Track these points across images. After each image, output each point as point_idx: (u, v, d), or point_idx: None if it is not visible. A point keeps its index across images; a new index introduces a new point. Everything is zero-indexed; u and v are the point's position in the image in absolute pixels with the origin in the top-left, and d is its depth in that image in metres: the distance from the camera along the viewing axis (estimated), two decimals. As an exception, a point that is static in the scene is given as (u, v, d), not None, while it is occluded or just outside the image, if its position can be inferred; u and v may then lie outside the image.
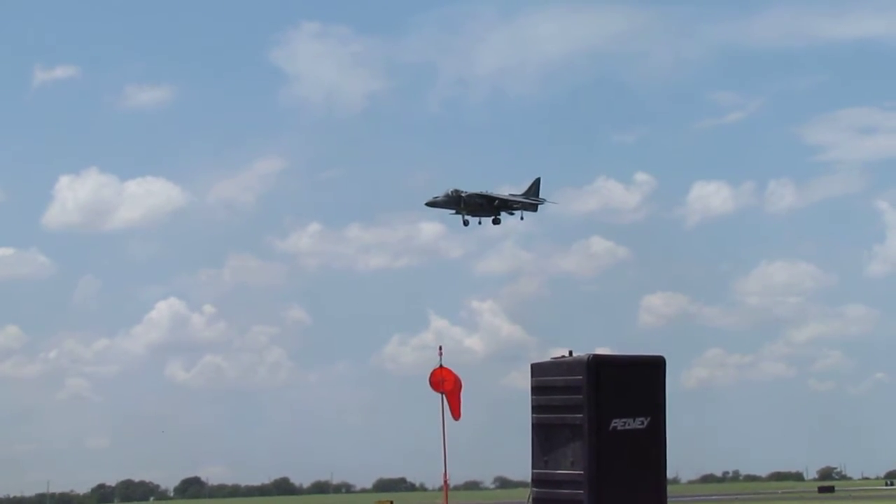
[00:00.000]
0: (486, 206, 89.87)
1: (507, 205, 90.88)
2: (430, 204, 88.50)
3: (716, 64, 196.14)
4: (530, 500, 20.87)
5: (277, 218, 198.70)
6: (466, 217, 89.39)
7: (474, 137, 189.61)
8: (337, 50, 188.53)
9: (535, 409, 20.79)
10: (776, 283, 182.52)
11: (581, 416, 19.99)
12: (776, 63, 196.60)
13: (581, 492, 19.98)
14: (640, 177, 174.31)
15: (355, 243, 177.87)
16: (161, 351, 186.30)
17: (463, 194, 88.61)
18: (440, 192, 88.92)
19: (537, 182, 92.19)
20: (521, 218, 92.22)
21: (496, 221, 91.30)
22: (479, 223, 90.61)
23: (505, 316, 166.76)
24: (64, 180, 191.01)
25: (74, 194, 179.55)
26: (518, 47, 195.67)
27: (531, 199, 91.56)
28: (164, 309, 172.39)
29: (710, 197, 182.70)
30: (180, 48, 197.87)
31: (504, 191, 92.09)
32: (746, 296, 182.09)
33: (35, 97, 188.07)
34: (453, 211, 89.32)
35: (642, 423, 20.39)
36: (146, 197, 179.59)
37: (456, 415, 34.84)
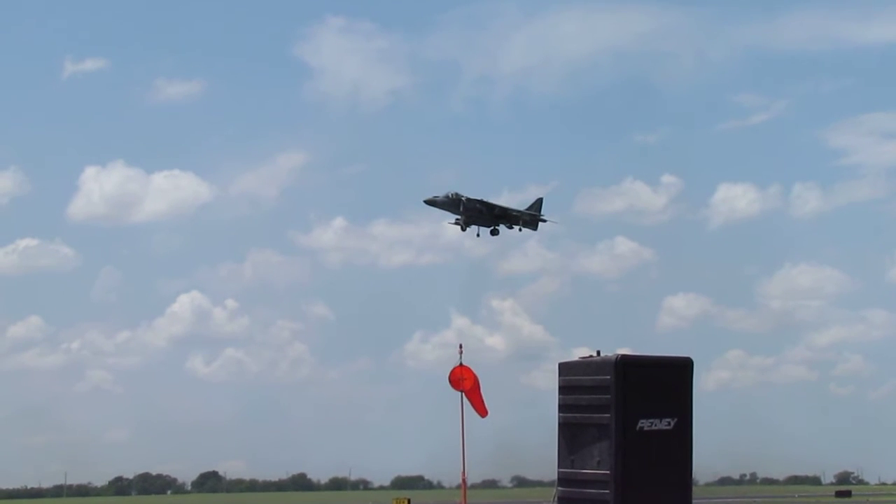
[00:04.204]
0: (485, 214, 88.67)
1: (507, 214, 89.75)
2: (429, 202, 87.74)
3: (740, 66, 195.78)
4: (556, 499, 20.85)
5: (301, 213, 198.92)
6: (465, 224, 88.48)
7: (497, 136, 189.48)
8: (362, 45, 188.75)
9: (562, 408, 20.78)
10: (799, 286, 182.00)
11: (608, 415, 19.98)
12: (801, 66, 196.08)
13: (607, 491, 19.96)
14: (667, 178, 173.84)
15: (379, 239, 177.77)
16: (182, 344, 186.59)
17: (463, 198, 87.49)
18: (442, 192, 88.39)
19: (539, 202, 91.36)
20: (520, 230, 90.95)
21: (494, 232, 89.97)
22: (478, 235, 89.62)
23: (527, 315, 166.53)
24: (90, 172, 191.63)
25: (100, 186, 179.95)
26: (542, 46, 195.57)
27: (531, 213, 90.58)
28: (187, 302, 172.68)
29: (735, 199, 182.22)
30: (208, 43, 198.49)
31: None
32: (769, 299, 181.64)
33: (64, 89, 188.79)
34: (454, 218, 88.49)
35: (669, 423, 20.38)
36: (171, 190, 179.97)
37: (482, 412, 34.74)
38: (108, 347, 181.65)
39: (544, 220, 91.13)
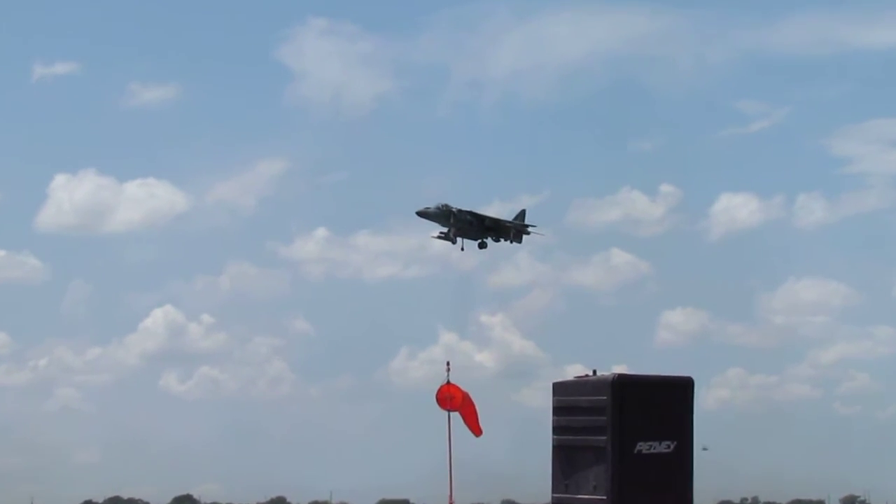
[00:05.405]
0: (475, 226, 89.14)
1: (498, 226, 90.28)
2: (421, 214, 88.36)
3: (740, 71, 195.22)
4: (549, 525, 20.77)
5: (280, 223, 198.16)
6: (455, 236, 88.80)
7: (487, 143, 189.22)
8: (345, 48, 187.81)
9: (557, 430, 20.71)
10: (803, 300, 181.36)
11: (605, 438, 19.93)
12: (803, 71, 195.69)
13: (603, 518, 19.90)
14: (664, 188, 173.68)
15: (363, 251, 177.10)
16: (156, 361, 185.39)
17: (453, 209, 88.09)
18: (432, 203, 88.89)
19: (523, 213, 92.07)
20: (511, 242, 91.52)
21: (482, 245, 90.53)
22: (462, 249, 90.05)
23: (517, 330, 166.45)
24: (59, 180, 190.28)
25: (70, 195, 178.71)
26: (534, 49, 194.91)
27: (521, 224, 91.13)
28: (160, 317, 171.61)
29: (736, 209, 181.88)
30: (184, 46, 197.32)
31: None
32: (772, 314, 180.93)
33: (32, 93, 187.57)
34: (444, 230, 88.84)
35: (668, 446, 20.32)
36: (145, 199, 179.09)
37: (476, 431, 34.71)
38: (77, 364, 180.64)
39: (528, 233, 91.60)
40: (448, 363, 35.21)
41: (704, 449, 34.65)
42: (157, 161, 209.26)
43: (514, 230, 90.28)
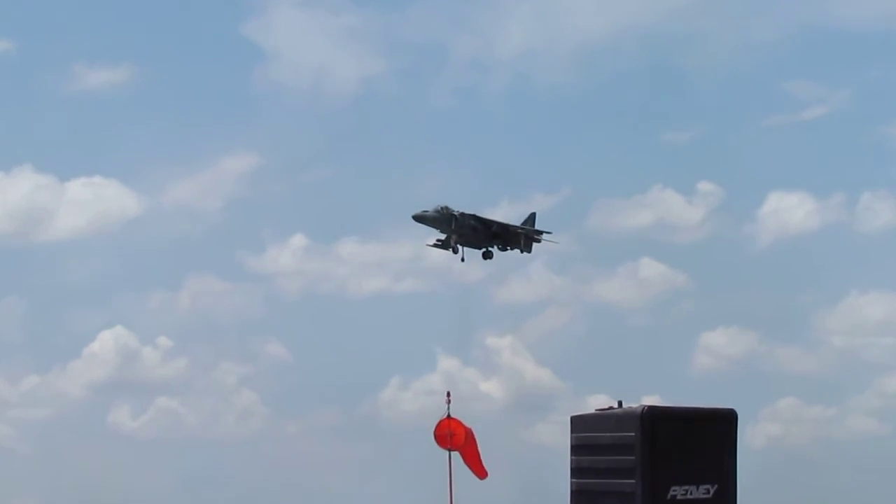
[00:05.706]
0: (480, 232, 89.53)
1: (506, 232, 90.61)
2: (417, 218, 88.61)
3: (792, 48, 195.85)
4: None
5: (251, 229, 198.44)
6: (456, 244, 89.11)
7: (493, 134, 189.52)
8: (326, 22, 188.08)
9: (576, 472, 20.87)
10: (868, 318, 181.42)
11: (633, 481, 20.09)
12: (866, 48, 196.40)
13: (631, 575, 20.06)
14: (703, 186, 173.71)
15: (348, 262, 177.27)
16: (104, 392, 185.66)
17: (455, 213, 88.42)
18: (430, 206, 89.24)
19: (532, 217, 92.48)
20: (521, 251, 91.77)
21: (487, 255, 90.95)
22: (462, 260, 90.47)
23: (530, 355, 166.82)
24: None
25: (3, 197, 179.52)
26: (548, 24, 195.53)
27: (532, 229, 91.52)
28: (109, 340, 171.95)
29: (788, 211, 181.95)
30: (138, 20, 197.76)
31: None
32: (830, 334, 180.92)
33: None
34: (442, 237, 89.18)
35: (707, 491, 20.50)
36: (91, 202, 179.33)
37: (481, 473, 35.01)
38: (11, 397, 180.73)
39: (538, 240, 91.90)
40: (448, 394, 35.49)
41: None
42: (104, 156, 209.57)
43: (524, 237, 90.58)
